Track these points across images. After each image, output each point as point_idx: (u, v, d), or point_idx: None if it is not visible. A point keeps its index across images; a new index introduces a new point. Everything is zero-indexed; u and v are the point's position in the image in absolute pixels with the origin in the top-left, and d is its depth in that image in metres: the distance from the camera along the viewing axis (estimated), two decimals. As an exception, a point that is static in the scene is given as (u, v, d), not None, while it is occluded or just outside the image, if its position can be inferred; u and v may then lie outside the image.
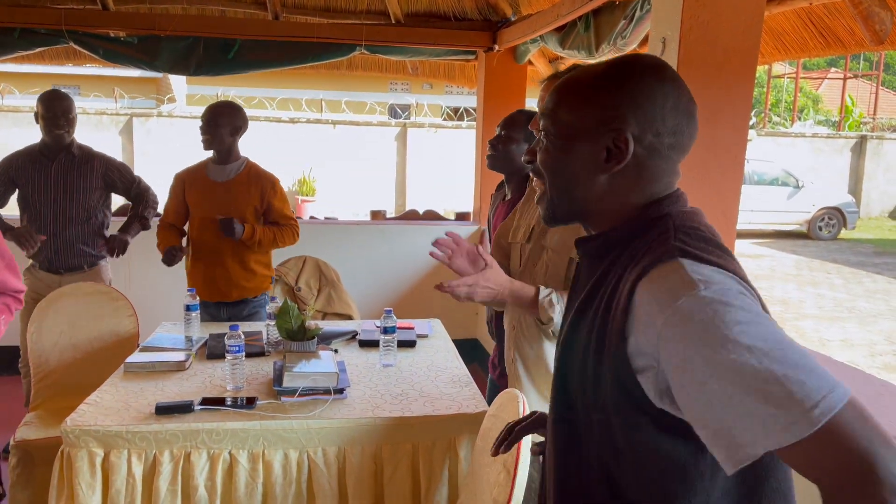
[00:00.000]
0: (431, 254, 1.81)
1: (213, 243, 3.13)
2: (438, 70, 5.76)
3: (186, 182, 3.22)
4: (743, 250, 12.37)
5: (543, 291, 1.79)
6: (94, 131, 13.27)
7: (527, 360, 1.94)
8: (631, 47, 3.22)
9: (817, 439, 0.74)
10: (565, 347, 1.04)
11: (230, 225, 3.02)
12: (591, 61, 3.62)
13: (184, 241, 3.29)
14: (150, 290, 4.38)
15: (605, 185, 0.99)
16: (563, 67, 4.53)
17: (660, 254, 0.89)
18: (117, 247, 3.40)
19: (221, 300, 3.19)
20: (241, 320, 3.17)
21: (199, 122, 3.16)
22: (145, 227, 3.57)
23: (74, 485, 1.94)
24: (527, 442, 1.65)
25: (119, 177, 3.49)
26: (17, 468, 2.50)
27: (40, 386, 2.92)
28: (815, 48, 2.77)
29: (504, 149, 2.47)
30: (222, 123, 3.10)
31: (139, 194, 3.56)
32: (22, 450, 2.53)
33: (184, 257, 3.20)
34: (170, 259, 3.12)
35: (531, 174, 1.11)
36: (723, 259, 0.89)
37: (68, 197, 3.30)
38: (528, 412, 1.78)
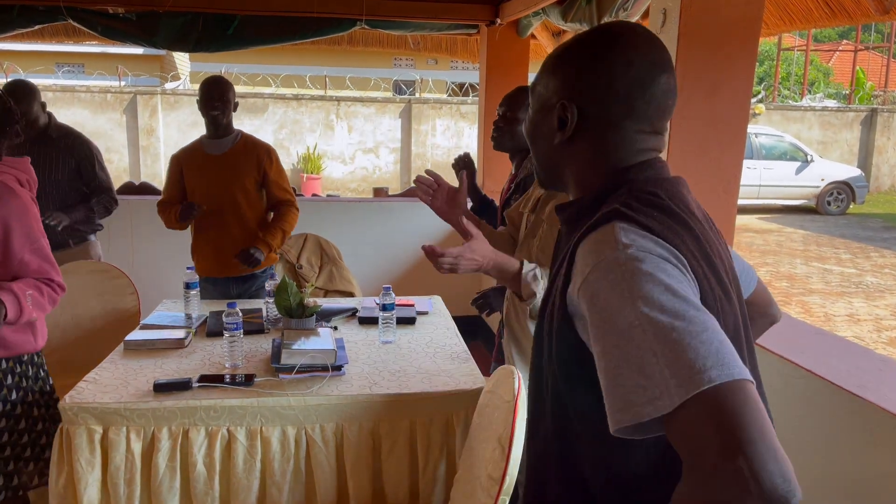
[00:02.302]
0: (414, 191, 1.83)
1: (215, 220, 3.13)
2: (440, 45, 5.70)
3: (183, 161, 3.20)
4: (750, 225, 12.31)
5: (527, 266, 1.76)
6: (98, 110, 13.27)
7: (518, 339, 1.93)
8: (633, 19, 3.16)
9: (695, 404, 0.72)
10: (541, 312, 1.06)
11: (249, 256, 3.04)
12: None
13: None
14: (151, 268, 4.40)
15: (563, 154, 1.04)
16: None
17: (601, 217, 0.92)
18: (53, 219, 3.18)
19: (229, 275, 3.19)
20: (251, 296, 3.20)
21: (201, 99, 3.12)
22: (90, 219, 3.48)
23: (74, 461, 1.96)
24: (522, 420, 1.65)
25: (85, 163, 3.43)
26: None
27: (43, 364, 2.94)
28: (820, 18, 2.72)
29: (508, 128, 2.45)
30: (230, 98, 3.12)
31: (95, 190, 3.47)
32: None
33: (191, 223, 3.17)
34: (187, 213, 3.07)
35: None
36: (663, 225, 0.90)
37: (45, 176, 3.29)
38: (523, 389, 1.79)
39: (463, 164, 2.92)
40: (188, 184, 3.18)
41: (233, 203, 3.10)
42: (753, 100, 17.51)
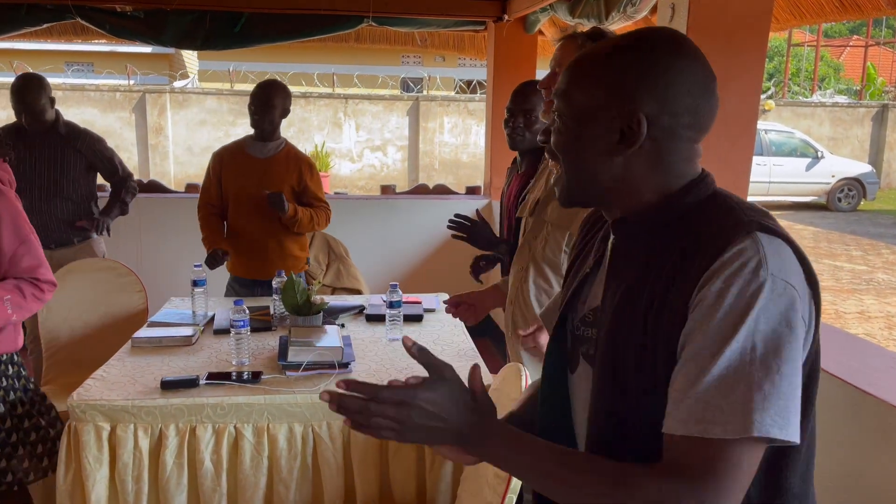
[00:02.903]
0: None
1: (251, 221, 3.12)
2: (448, 42, 5.69)
3: (224, 159, 3.20)
4: (760, 222, 12.23)
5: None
6: (107, 108, 13.31)
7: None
8: (641, 14, 3.15)
9: (734, 446, 0.80)
10: (613, 334, 0.96)
11: (279, 199, 3.01)
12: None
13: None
14: (159, 265, 4.41)
15: (620, 168, 0.95)
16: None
17: (737, 228, 0.87)
18: (101, 228, 3.42)
19: (257, 278, 3.18)
20: None
21: (248, 100, 3.14)
22: (124, 211, 3.58)
23: (82, 458, 1.96)
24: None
25: (101, 160, 3.49)
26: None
27: (52, 362, 2.95)
28: (831, 13, 2.69)
29: (522, 126, 2.42)
30: (276, 105, 3.10)
31: (121, 180, 3.56)
32: (34, 424, 2.55)
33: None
34: (213, 262, 3.07)
35: (546, 154, 1.09)
36: (790, 236, 0.89)
37: (53, 173, 3.32)
38: (529, 385, 1.78)
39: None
40: (225, 182, 3.17)
41: (270, 208, 3.06)
42: (763, 96, 17.40)
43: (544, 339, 1.65)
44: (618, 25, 3.39)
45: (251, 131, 3.20)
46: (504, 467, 0.95)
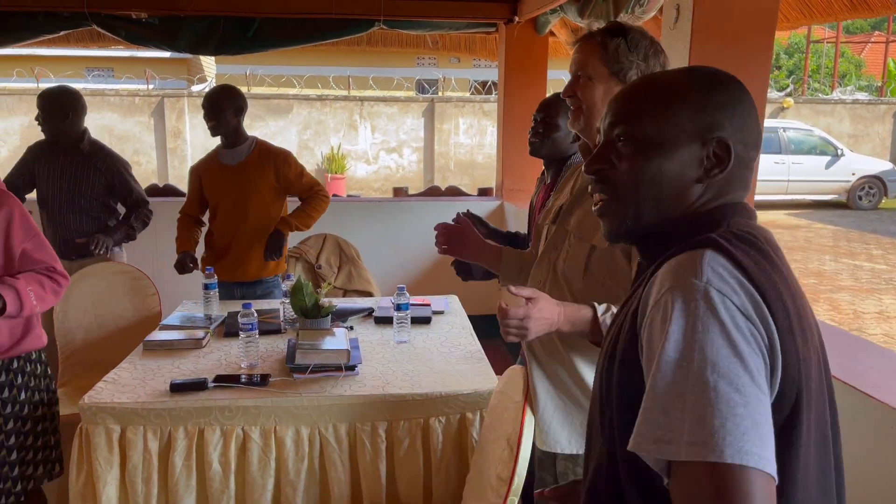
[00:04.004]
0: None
1: (235, 228, 3.16)
2: (460, 44, 5.70)
3: (201, 172, 3.25)
4: (778, 221, 12.11)
5: (600, 308, 1.52)
6: (126, 113, 13.48)
7: (534, 341, 1.85)
8: (649, 15, 3.14)
9: (701, 470, 0.73)
10: (602, 353, 0.99)
11: (274, 246, 3.11)
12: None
13: (201, 234, 3.34)
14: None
15: (694, 196, 0.94)
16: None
17: (693, 243, 0.88)
18: (99, 244, 3.30)
19: (238, 279, 3.23)
20: (255, 300, 3.21)
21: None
22: (130, 236, 3.51)
23: (93, 460, 2.00)
24: (530, 420, 1.64)
25: (119, 182, 3.45)
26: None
27: (67, 364, 3.00)
28: (840, 11, 2.67)
29: (548, 135, 2.40)
30: (224, 107, 3.11)
31: (133, 205, 3.50)
32: (49, 426, 2.60)
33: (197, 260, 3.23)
34: (181, 268, 3.15)
35: (593, 186, 1.02)
36: (756, 266, 0.84)
37: (73, 189, 3.35)
38: (533, 388, 1.77)
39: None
40: (208, 195, 3.23)
41: (253, 213, 3.13)
42: (782, 93, 17.22)
43: (535, 316, 1.51)
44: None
45: (266, 132, 3.23)
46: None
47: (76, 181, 3.35)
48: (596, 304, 1.52)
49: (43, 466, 2.28)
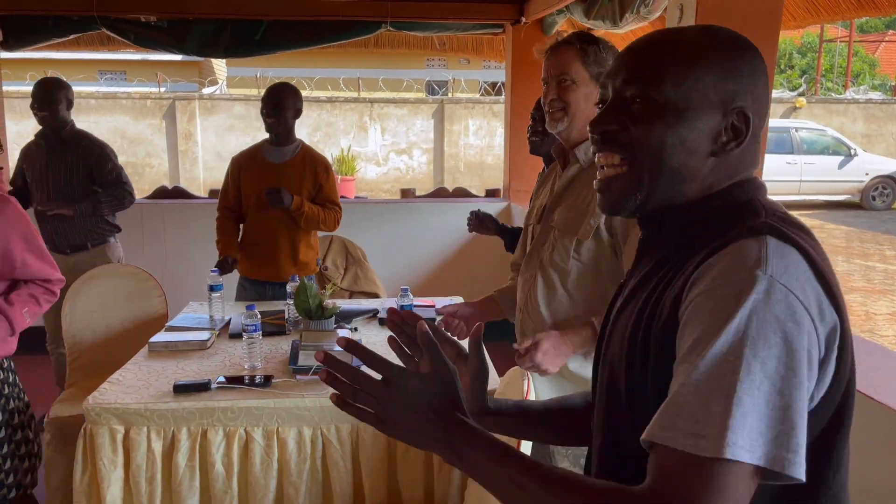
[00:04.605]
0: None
1: (268, 225, 3.16)
2: (467, 45, 5.70)
3: (242, 165, 3.25)
4: (790, 222, 12.01)
5: (596, 321, 1.64)
6: (138, 116, 13.58)
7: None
8: (655, 15, 3.12)
9: (703, 465, 0.69)
10: (612, 336, 0.94)
11: (277, 195, 3.03)
12: (617, 31, 3.53)
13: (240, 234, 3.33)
14: (185, 270, 4.48)
15: (707, 169, 0.87)
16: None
17: (747, 229, 0.80)
18: (54, 209, 3.34)
19: (271, 279, 3.23)
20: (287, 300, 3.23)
21: (260, 105, 3.17)
22: (97, 211, 3.46)
23: (97, 460, 2.01)
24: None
25: (96, 164, 3.46)
26: (52, 444, 2.59)
27: (74, 366, 3.03)
28: (847, 10, 2.64)
29: (547, 132, 2.40)
30: (288, 105, 3.13)
31: (108, 183, 3.48)
32: (55, 426, 2.62)
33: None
34: (223, 269, 3.10)
35: (598, 147, 0.93)
36: (819, 254, 0.80)
37: (60, 178, 3.40)
38: (532, 390, 1.78)
39: (477, 224, 2.89)
40: (244, 188, 3.21)
41: (283, 212, 3.11)
42: (794, 93, 17.10)
43: (541, 357, 1.63)
44: (632, 27, 3.37)
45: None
46: (476, 477, 0.83)
47: (64, 171, 3.40)
48: (594, 320, 1.67)
49: (31, 474, 2.30)
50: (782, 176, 12.76)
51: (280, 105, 3.11)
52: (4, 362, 2.25)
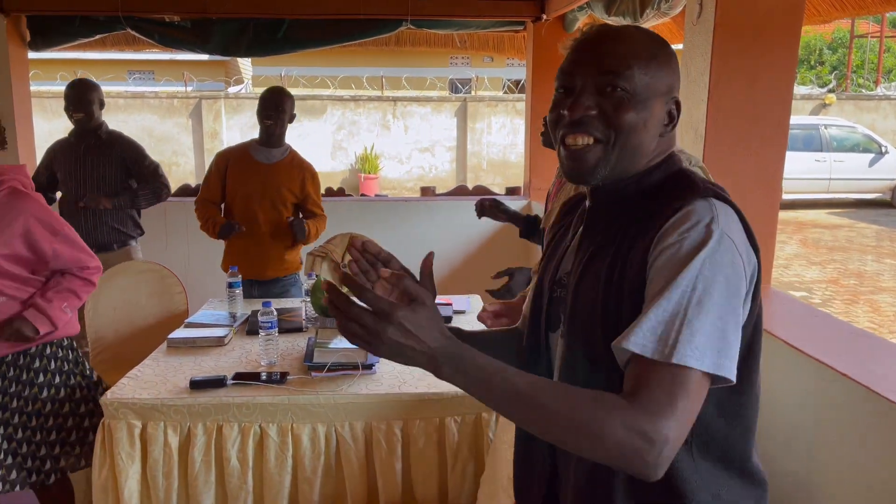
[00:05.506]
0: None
1: (251, 223, 3.20)
2: (488, 43, 5.68)
3: (230, 160, 3.28)
4: (819, 220, 11.81)
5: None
6: (165, 115, 13.75)
7: None
8: (676, 10, 3.09)
9: (662, 368, 0.88)
10: (578, 293, 1.06)
11: (302, 227, 3.14)
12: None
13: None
14: (207, 268, 4.51)
15: (653, 146, 1.06)
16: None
17: (698, 194, 0.98)
18: (88, 202, 3.42)
19: (255, 278, 3.26)
20: (272, 297, 3.24)
21: (258, 107, 3.22)
22: (136, 204, 3.59)
23: (115, 454, 2.04)
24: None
25: (132, 160, 3.57)
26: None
27: (97, 361, 3.07)
28: (873, 4, 2.59)
29: None
30: (286, 109, 3.21)
31: (145, 176, 3.60)
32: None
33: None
34: (229, 232, 3.16)
35: (574, 129, 1.03)
36: (742, 212, 1.01)
37: (92, 178, 3.46)
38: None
39: (483, 211, 2.90)
40: (229, 184, 3.24)
41: (269, 212, 3.17)
42: (824, 89, 16.80)
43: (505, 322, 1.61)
44: (653, 22, 3.33)
45: (300, 132, 3.26)
46: (474, 393, 0.92)
47: (97, 170, 3.47)
48: None
49: (80, 448, 2.34)
50: (811, 174, 12.53)
51: (281, 108, 3.17)
52: (65, 341, 2.32)
